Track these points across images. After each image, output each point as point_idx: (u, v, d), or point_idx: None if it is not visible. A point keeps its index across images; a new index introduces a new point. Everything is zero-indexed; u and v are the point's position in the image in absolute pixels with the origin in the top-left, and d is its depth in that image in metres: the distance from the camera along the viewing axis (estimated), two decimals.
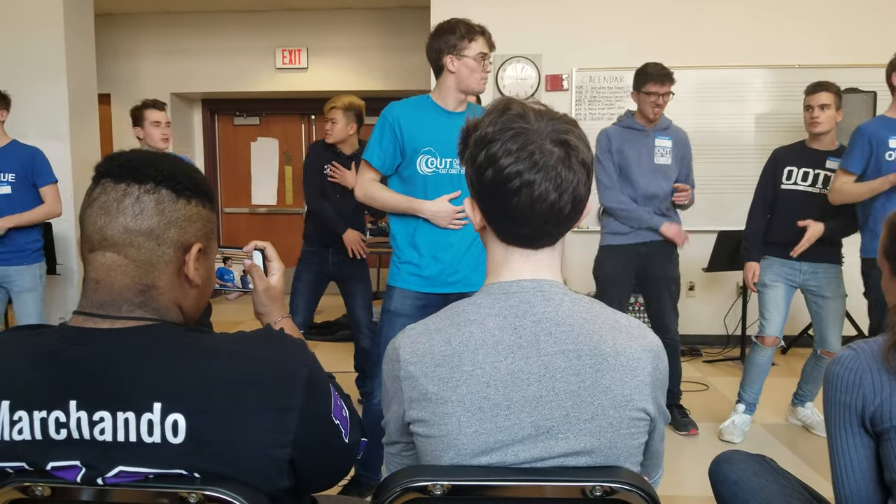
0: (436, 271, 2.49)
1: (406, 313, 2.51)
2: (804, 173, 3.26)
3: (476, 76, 2.40)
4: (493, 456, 0.96)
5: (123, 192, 0.94)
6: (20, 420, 0.90)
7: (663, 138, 3.37)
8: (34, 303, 3.49)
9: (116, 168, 0.95)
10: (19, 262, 3.45)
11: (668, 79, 3.24)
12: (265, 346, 0.96)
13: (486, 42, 2.40)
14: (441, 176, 2.45)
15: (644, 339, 1.01)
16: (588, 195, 1.01)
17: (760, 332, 3.32)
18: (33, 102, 4.69)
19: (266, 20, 6.82)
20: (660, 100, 3.25)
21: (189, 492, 0.88)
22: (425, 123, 2.46)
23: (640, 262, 3.37)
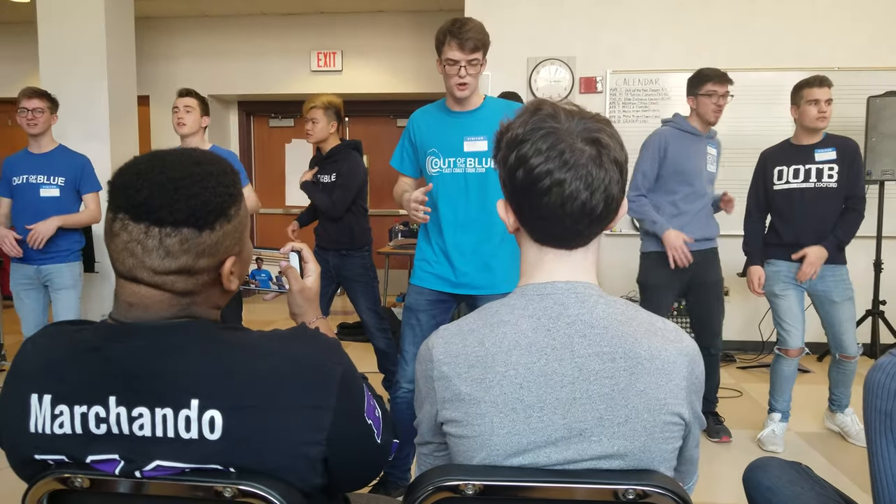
0: (445, 270, 2.51)
1: (419, 308, 2.56)
2: (794, 171, 3.20)
3: (450, 82, 2.38)
4: (525, 457, 0.96)
5: (144, 233, 0.90)
6: (61, 414, 0.92)
7: (712, 146, 3.33)
8: (73, 300, 3.57)
9: (133, 209, 0.90)
10: (59, 261, 3.54)
11: (726, 78, 3.19)
12: (300, 345, 0.97)
13: (458, 46, 2.30)
14: (445, 175, 2.47)
15: (680, 342, 1.00)
16: (622, 195, 1.00)
17: (782, 345, 3.24)
18: (75, 103, 4.81)
19: (301, 23, 6.89)
20: (720, 100, 3.19)
21: (224, 486, 0.89)
22: (431, 125, 2.50)
23: (690, 270, 3.26)
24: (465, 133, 2.43)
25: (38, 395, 0.93)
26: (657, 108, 4.88)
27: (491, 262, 2.48)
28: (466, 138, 2.43)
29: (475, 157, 2.43)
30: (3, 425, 0.97)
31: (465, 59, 2.32)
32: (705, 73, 3.21)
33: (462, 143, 2.43)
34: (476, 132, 2.43)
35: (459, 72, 2.33)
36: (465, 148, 2.43)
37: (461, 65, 2.33)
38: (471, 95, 2.42)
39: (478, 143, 2.43)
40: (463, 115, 2.45)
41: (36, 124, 3.46)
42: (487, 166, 2.42)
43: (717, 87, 3.17)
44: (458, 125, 2.45)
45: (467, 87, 2.37)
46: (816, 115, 3.10)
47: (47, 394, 0.92)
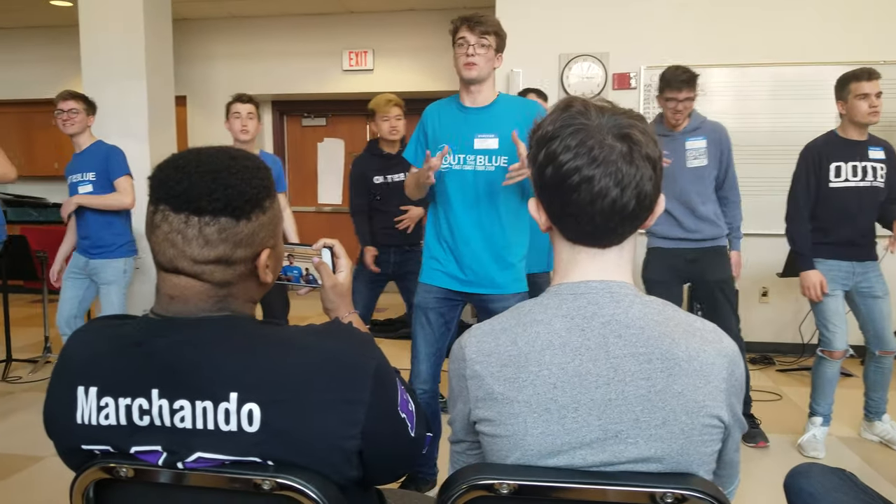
0: (451, 268, 2.49)
1: (428, 307, 2.54)
2: (853, 168, 3.08)
3: (458, 62, 2.38)
4: (560, 458, 0.95)
5: (184, 223, 0.94)
6: (106, 406, 0.94)
7: (696, 139, 3.26)
8: (116, 295, 3.67)
9: (173, 199, 0.94)
10: (105, 256, 3.65)
11: (685, 84, 3.11)
12: (335, 340, 0.98)
13: (469, 28, 2.33)
14: (455, 172, 2.43)
15: (719, 343, 0.98)
16: (657, 192, 0.98)
17: (826, 347, 3.17)
18: (115, 103, 4.92)
19: (333, 23, 6.94)
20: (678, 105, 3.14)
21: (263, 479, 0.91)
22: (444, 120, 2.48)
23: (688, 268, 3.30)
24: (475, 130, 2.41)
25: (85, 388, 0.95)
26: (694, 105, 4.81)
27: (501, 262, 2.45)
28: (477, 136, 2.40)
29: (485, 154, 2.40)
30: (51, 416, 1.00)
31: (473, 39, 2.32)
32: (666, 76, 3.18)
33: (472, 140, 2.41)
34: (487, 130, 2.40)
35: (468, 50, 2.32)
36: (476, 145, 2.41)
37: (470, 43, 2.32)
38: (481, 84, 2.39)
39: (488, 140, 2.40)
40: (475, 111, 2.43)
41: (72, 124, 3.57)
42: (497, 164, 2.38)
43: (674, 93, 3.13)
44: (470, 122, 2.43)
45: (475, 68, 2.34)
46: (868, 110, 2.99)
47: (93, 386, 0.95)
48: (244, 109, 3.56)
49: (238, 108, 3.56)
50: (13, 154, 7.88)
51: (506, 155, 2.37)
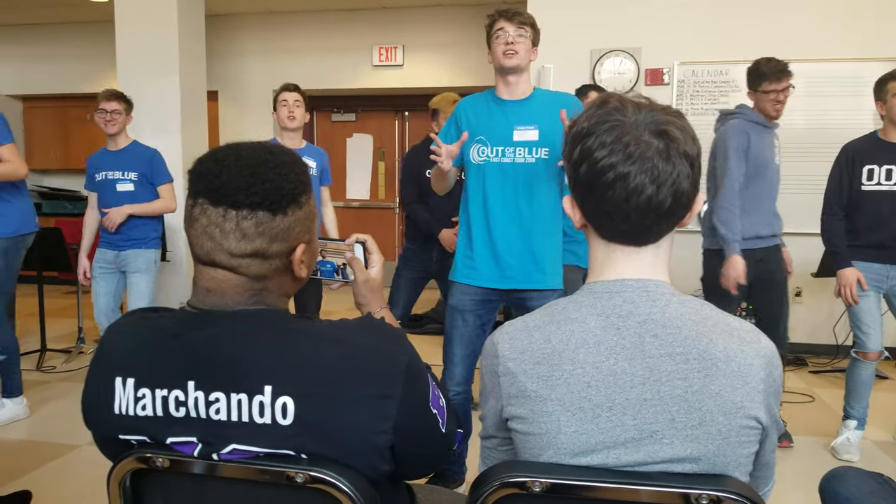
0: (489, 265, 2.44)
1: (464, 308, 2.50)
2: (887, 171, 3.00)
3: (497, 51, 2.37)
4: (593, 457, 0.94)
5: (222, 216, 0.95)
6: (144, 397, 0.96)
7: (776, 138, 3.22)
8: (146, 285, 3.73)
9: (211, 193, 0.95)
10: (137, 247, 3.73)
11: (784, 74, 3.05)
12: (367, 335, 0.98)
13: (506, 19, 2.35)
14: (493, 165, 2.40)
15: (758, 343, 0.96)
16: (694, 190, 0.97)
17: (861, 348, 3.10)
18: (149, 99, 4.99)
19: (364, 18, 6.97)
20: (780, 96, 3.06)
21: (296, 472, 0.91)
22: (480, 113, 2.45)
23: (757, 268, 3.18)
24: (515, 122, 2.39)
25: (122, 379, 0.97)
26: (727, 100, 4.74)
27: (538, 256, 2.41)
28: (517, 127, 2.38)
29: (525, 146, 2.37)
30: (89, 406, 1.02)
31: (512, 28, 2.33)
32: (761, 69, 3.08)
33: (512, 131, 2.38)
34: (527, 121, 2.38)
35: (507, 38, 2.32)
36: (515, 137, 2.38)
37: (509, 33, 2.33)
38: (519, 76, 2.38)
39: (528, 132, 2.37)
40: (513, 103, 2.41)
41: (114, 125, 3.64)
42: (538, 156, 2.36)
43: (773, 85, 3.04)
44: (508, 113, 2.40)
45: (515, 56, 2.33)
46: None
47: (130, 377, 0.97)
48: (291, 97, 3.60)
49: (285, 96, 3.61)
50: (49, 147, 8.10)
51: (547, 146, 2.35)
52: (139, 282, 3.73)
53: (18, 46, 7.74)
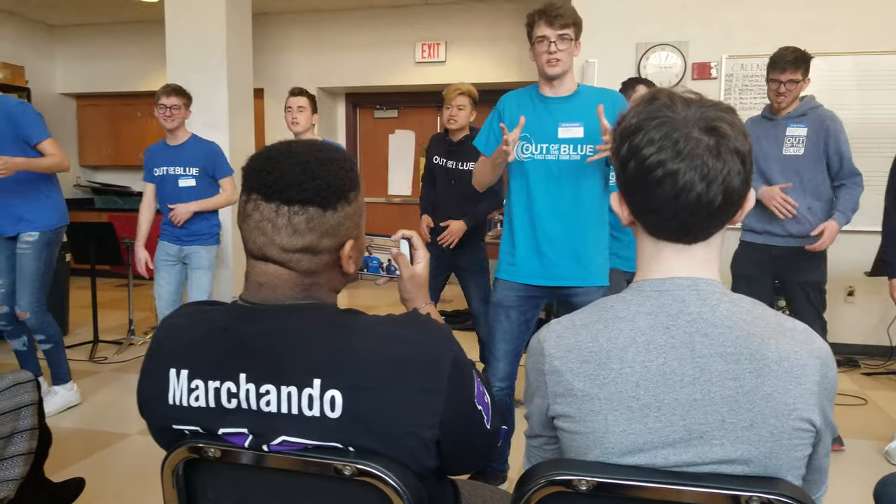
0: (532, 262, 2.43)
1: (508, 304, 2.49)
2: None
3: (540, 60, 2.33)
4: (641, 457, 0.93)
5: (275, 212, 0.97)
6: (197, 388, 0.98)
7: (797, 126, 3.13)
8: (206, 280, 3.82)
9: (265, 189, 0.98)
10: (200, 243, 3.80)
11: (790, 65, 3.00)
12: (414, 330, 0.99)
13: (547, 23, 2.28)
14: (537, 162, 2.39)
15: (811, 344, 0.94)
16: (745, 187, 0.95)
17: None
18: (198, 96, 5.06)
19: (407, 15, 6.99)
20: (780, 88, 3.04)
21: (344, 464, 0.93)
22: (524, 110, 2.42)
23: (775, 265, 3.20)
24: (559, 119, 2.37)
25: (177, 370, 1.00)
26: None
27: (582, 253, 2.40)
28: (561, 124, 2.36)
29: (570, 143, 2.35)
30: (144, 397, 1.05)
31: (554, 35, 2.28)
32: (771, 57, 3.08)
33: (556, 129, 2.36)
34: (572, 118, 2.36)
35: (549, 48, 2.29)
36: (560, 134, 2.36)
37: (551, 40, 2.28)
38: (563, 76, 2.35)
39: (573, 129, 2.35)
40: (558, 100, 2.38)
41: (173, 120, 3.69)
42: (583, 153, 2.34)
43: (776, 74, 3.03)
44: (552, 111, 2.38)
45: (559, 64, 2.30)
46: None
47: (184, 369, 0.99)
48: (294, 103, 3.66)
49: (289, 101, 3.67)
50: (102, 144, 8.33)
51: (592, 143, 2.32)
52: (201, 278, 3.80)
53: (72, 47, 7.98)
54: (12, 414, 1.82)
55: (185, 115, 3.75)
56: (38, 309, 3.42)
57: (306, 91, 3.73)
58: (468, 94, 3.68)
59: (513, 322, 2.50)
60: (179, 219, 3.70)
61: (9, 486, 1.78)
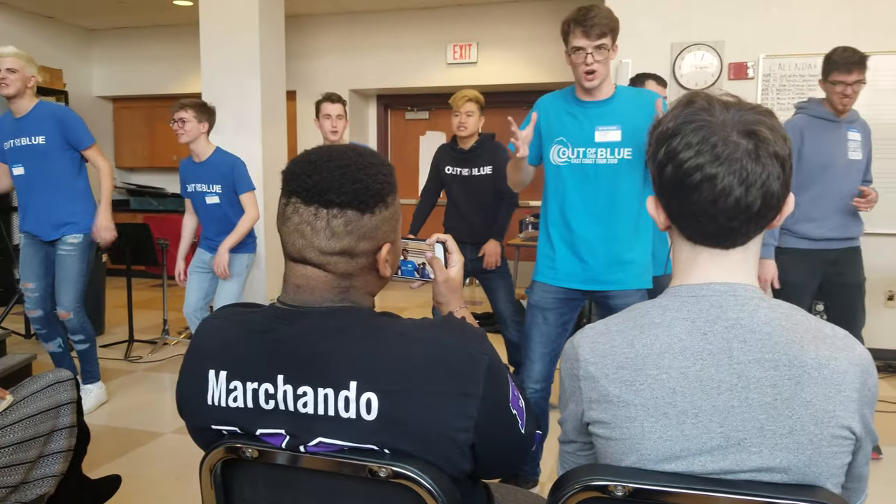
0: (570, 266, 2.42)
1: (546, 307, 2.48)
2: None
3: (577, 71, 2.29)
4: (678, 464, 0.93)
5: (314, 215, 0.99)
6: (235, 389, 1.00)
7: (854, 131, 3.07)
8: (233, 288, 3.81)
9: (304, 192, 0.99)
10: (233, 251, 3.76)
11: (855, 66, 2.92)
12: (449, 334, 0.99)
13: (583, 34, 2.22)
14: (574, 166, 2.37)
15: (851, 350, 0.93)
16: (785, 191, 0.94)
17: None
18: (231, 99, 5.16)
19: (438, 16, 7.00)
20: (847, 90, 2.94)
21: (379, 466, 0.93)
22: (560, 113, 2.41)
23: (825, 268, 3.11)
24: (596, 122, 2.34)
25: (216, 371, 1.01)
26: (816, 94, 4.52)
27: (622, 257, 2.38)
28: (598, 128, 2.34)
29: (607, 147, 2.33)
30: (184, 397, 1.07)
31: (591, 46, 2.23)
32: (833, 58, 2.97)
33: (593, 132, 2.34)
34: (608, 121, 2.33)
35: (586, 59, 2.25)
36: (597, 138, 2.34)
37: (588, 52, 2.24)
38: (601, 84, 2.32)
39: (610, 132, 2.33)
40: (594, 104, 2.36)
41: (184, 134, 3.64)
42: (620, 157, 2.32)
43: (842, 76, 2.93)
44: (590, 114, 2.36)
45: (596, 76, 2.27)
46: None
47: (223, 370, 1.01)
48: (334, 110, 3.53)
49: (328, 108, 3.53)
50: (137, 146, 8.48)
51: (629, 146, 2.30)
52: (228, 286, 3.80)
53: (109, 49, 8.15)
54: (52, 412, 1.86)
55: (201, 129, 3.67)
56: (80, 309, 3.49)
57: (341, 97, 3.67)
58: (475, 100, 3.67)
59: (550, 324, 2.49)
60: (221, 269, 3.69)
61: (49, 482, 1.82)
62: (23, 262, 3.53)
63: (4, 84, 3.28)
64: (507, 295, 3.74)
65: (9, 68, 3.28)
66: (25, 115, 3.38)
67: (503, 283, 3.75)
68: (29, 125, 3.38)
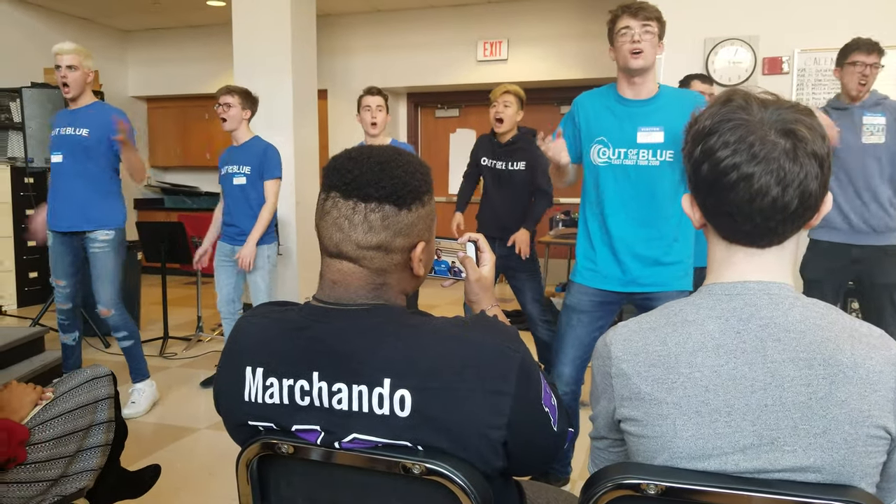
0: (610, 268, 2.38)
1: (582, 309, 2.45)
2: None
3: (623, 51, 2.26)
4: (710, 462, 0.93)
5: (352, 209, 1.01)
6: (272, 386, 1.02)
7: (874, 115, 3.02)
8: (262, 281, 3.82)
9: (344, 186, 1.01)
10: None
11: (875, 48, 2.95)
12: (482, 332, 1.00)
13: (631, 15, 2.24)
14: (615, 167, 2.33)
15: (888, 350, 0.92)
16: (823, 190, 0.93)
17: None
18: (263, 98, 5.18)
19: (469, 13, 7.00)
20: (865, 70, 2.94)
21: (413, 462, 0.95)
22: (601, 112, 2.38)
23: (853, 266, 3.05)
24: (639, 123, 2.30)
25: (252, 368, 1.03)
26: None
27: (662, 259, 2.34)
28: (640, 128, 2.29)
29: (649, 148, 2.28)
30: (222, 393, 1.10)
31: (638, 25, 2.23)
32: (852, 42, 3.01)
33: (635, 133, 2.30)
34: (651, 122, 2.29)
35: (633, 37, 2.23)
36: (639, 139, 2.29)
37: (634, 30, 2.23)
38: (645, 73, 2.28)
39: (653, 133, 2.28)
40: (637, 103, 2.31)
41: (228, 117, 3.74)
42: (662, 159, 2.27)
43: (862, 56, 2.94)
44: (632, 114, 2.31)
45: (641, 56, 2.23)
46: None
47: (260, 367, 1.03)
48: (374, 102, 3.65)
49: (368, 100, 3.66)
50: (171, 145, 8.62)
51: (671, 149, 2.26)
52: (256, 279, 3.81)
53: (144, 50, 8.30)
54: (90, 407, 1.89)
55: (244, 115, 3.77)
56: (120, 306, 3.53)
57: (382, 90, 3.74)
58: (514, 93, 3.67)
59: (585, 326, 2.45)
60: (248, 263, 3.71)
61: (88, 476, 1.85)
62: (53, 260, 3.56)
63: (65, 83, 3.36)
64: (535, 294, 3.71)
65: (69, 65, 3.35)
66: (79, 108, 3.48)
67: (531, 284, 3.72)
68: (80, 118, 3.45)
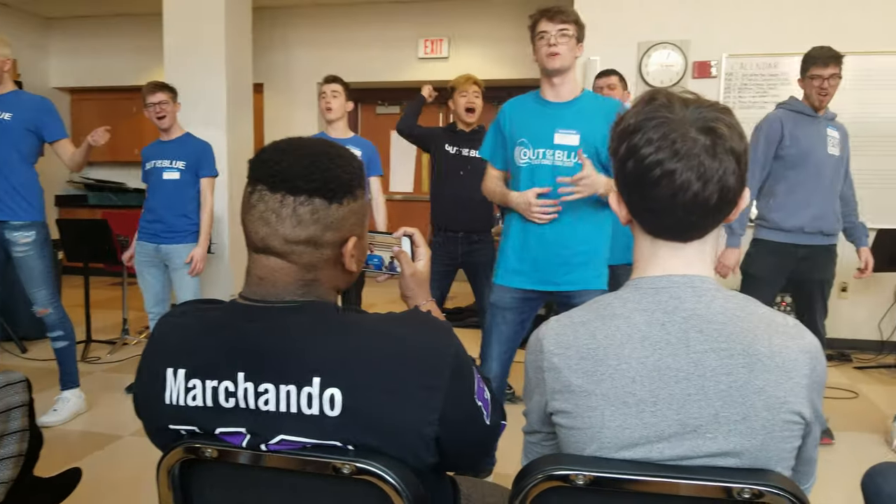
0: (529, 267, 2.43)
1: (505, 306, 2.51)
2: None
3: (541, 53, 2.35)
4: (636, 451, 0.95)
5: (280, 202, 0.97)
6: (194, 387, 0.98)
7: (832, 128, 3.15)
8: (190, 279, 3.69)
9: (271, 178, 0.98)
10: (177, 241, 3.68)
11: (831, 61, 3.01)
12: (415, 327, 1.00)
13: (548, 19, 2.33)
14: (535, 167, 2.38)
15: (801, 339, 0.96)
16: (741, 186, 0.97)
17: None
18: (196, 92, 5.05)
19: (410, 11, 6.97)
20: (824, 83, 3.02)
21: (343, 463, 0.93)
22: (523, 114, 2.44)
23: (796, 264, 3.15)
24: (556, 125, 2.36)
25: (174, 370, 0.99)
26: (776, 93, 4.63)
27: (577, 259, 2.40)
28: (557, 130, 2.35)
29: (564, 150, 2.34)
30: (141, 396, 1.05)
31: (554, 29, 2.31)
32: (811, 54, 3.07)
33: (552, 134, 2.36)
34: (568, 125, 2.35)
35: (549, 41, 2.31)
36: (555, 140, 2.35)
37: (551, 34, 2.31)
38: (564, 75, 2.35)
39: (569, 136, 2.34)
40: (556, 105, 2.39)
41: (164, 116, 3.63)
42: (577, 161, 2.32)
43: (819, 69, 3.02)
44: (551, 116, 2.38)
45: (558, 58, 2.31)
46: None
47: (182, 368, 0.99)
48: (328, 88, 3.69)
49: (323, 87, 3.71)
50: None
51: (587, 152, 2.31)
52: (183, 277, 3.69)
53: (67, 39, 7.91)
54: (2, 416, 1.75)
55: (176, 109, 3.70)
56: (57, 303, 3.35)
57: (340, 78, 3.74)
58: (478, 83, 3.70)
59: (509, 324, 2.51)
60: (200, 268, 3.66)
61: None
62: None
63: None
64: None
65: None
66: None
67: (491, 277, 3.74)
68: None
